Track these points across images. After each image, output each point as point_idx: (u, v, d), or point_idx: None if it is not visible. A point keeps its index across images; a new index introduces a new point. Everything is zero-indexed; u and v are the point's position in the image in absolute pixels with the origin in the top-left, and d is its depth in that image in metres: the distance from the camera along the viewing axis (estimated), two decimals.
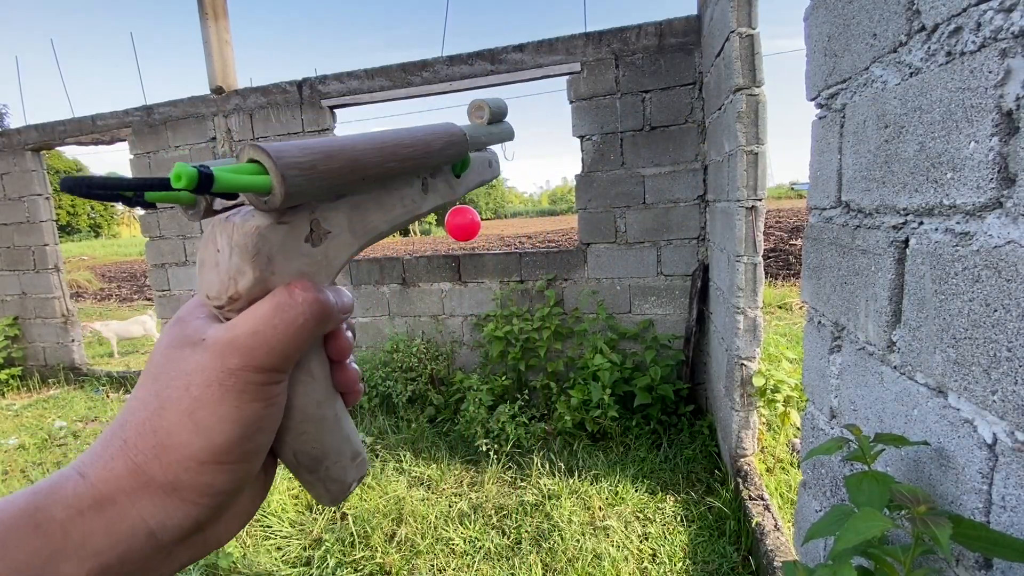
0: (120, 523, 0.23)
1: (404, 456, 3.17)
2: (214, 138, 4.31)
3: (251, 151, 0.23)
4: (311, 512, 2.67)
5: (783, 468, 2.69)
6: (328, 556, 2.28)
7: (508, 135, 0.40)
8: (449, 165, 0.34)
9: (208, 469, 0.24)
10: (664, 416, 3.28)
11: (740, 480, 2.38)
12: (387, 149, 0.27)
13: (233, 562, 2.27)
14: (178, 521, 0.24)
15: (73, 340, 5.31)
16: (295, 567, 2.27)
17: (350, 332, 0.31)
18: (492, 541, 2.34)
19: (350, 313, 0.29)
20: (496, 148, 0.42)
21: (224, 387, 0.24)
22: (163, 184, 0.21)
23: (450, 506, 2.65)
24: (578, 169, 3.62)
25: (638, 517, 2.45)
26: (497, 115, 0.39)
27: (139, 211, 4.69)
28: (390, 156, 0.27)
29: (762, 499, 2.22)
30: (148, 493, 0.23)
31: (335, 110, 4.07)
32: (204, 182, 0.21)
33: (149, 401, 0.24)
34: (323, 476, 0.29)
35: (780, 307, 6.55)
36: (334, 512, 2.63)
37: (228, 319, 0.25)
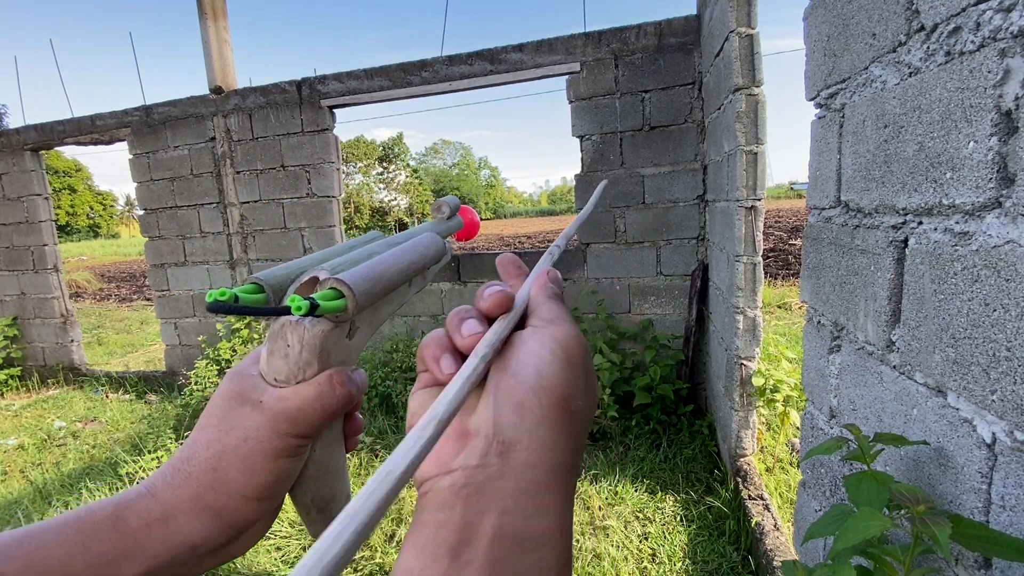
0: (175, 536, 0.30)
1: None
2: (213, 138, 4.31)
3: (335, 283, 0.31)
4: None
5: (783, 468, 2.69)
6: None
7: (459, 226, 0.50)
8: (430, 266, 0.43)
9: (250, 503, 0.31)
10: (664, 416, 3.28)
11: (740, 480, 2.38)
12: (405, 270, 0.36)
13: (234, 562, 2.27)
14: (215, 538, 0.31)
15: (72, 340, 5.31)
16: (295, 567, 2.26)
17: None
18: None
19: (365, 390, 0.36)
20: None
21: (274, 444, 0.31)
22: (286, 311, 0.28)
23: None
24: (578, 169, 3.63)
25: (638, 517, 2.45)
26: (454, 210, 0.48)
27: (139, 211, 4.69)
28: (406, 274, 0.36)
29: (762, 499, 2.22)
30: (200, 515, 0.30)
31: (334, 110, 4.07)
32: (312, 309, 0.28)
33: (213, 443, 0.31)
34: (330, 516, 0.36)
35: (780, 307, 6.55)
36: None
37: (281, 388, 0.32)
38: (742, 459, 2.48)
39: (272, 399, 0.31)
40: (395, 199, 56.14)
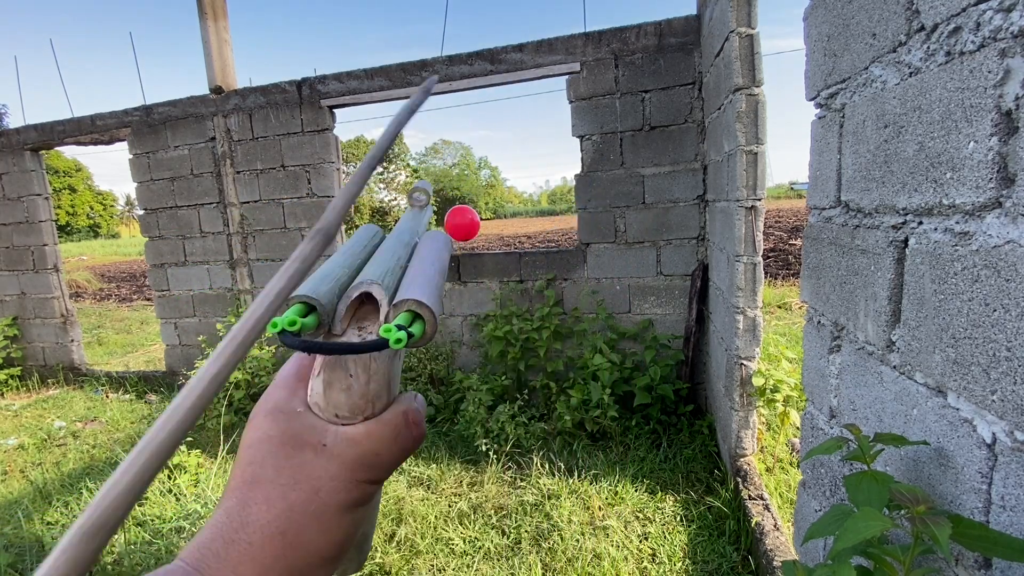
0: None
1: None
2: (213, 138, 4.31)
3: (415, 306, 0.28)
4: None
5: (783, 468, 2.69)
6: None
7: (431, 214, 0.50)
8: None
9: (327, 565, 0.26)
10: (664, 416, 3.28)
11: (740, 480, 2.38)
12: (444, 275, 0.35)
13: None
14: None
15: (72, 340, 5.31)
16: None
17: None
18: (492, 541, 2.34)
19: None
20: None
21: (351, 495, 0.27)
22: (383, 344, 0.26)
23: (450, 506, 2.65)
24: (578, 169, 3.63)
25: (638, 517, 2.45)
26: (430, 197, 0.48)
27: (139, 211, 4.69)
28: (444, 281, 0.35)
29: (762, 499, 2.22)
30: None
31: (334, 110, 4.07)
32: (409, 340, 0.26)
33: (276, 502, 0.25)
34: (364, 549, 0.34)
35: (780, 307, 6.55)
36: None
37: (347, 428, 0.28)
38: (742, 459, 2.48)
39: (341, 443, 0.27)
40: (395, 199, 56.14)
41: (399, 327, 0.26)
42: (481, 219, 3.76)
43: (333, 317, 0.30)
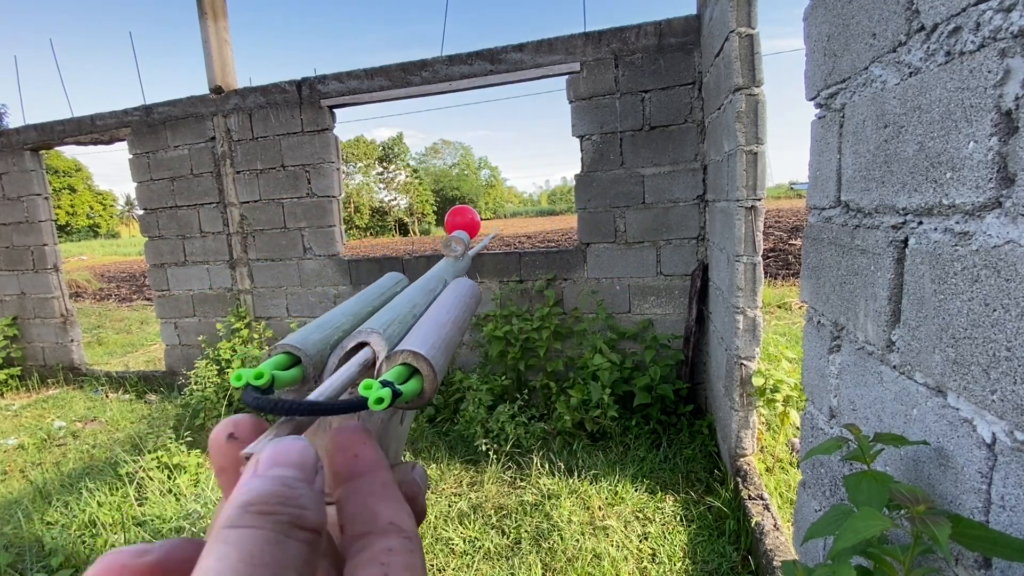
0: None
1: (403, 456, 3.16)
2: (213, 138, 4.31)
3: (410, 358, 0.25)
4: None
5: (782, 468, 2.69)
6: None
7: (468, 265, 0.47)
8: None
9: None
10: (664, 416, 3.28)
11: (739, 480, 2.38)
12: (462, 329, 0.31)
13: None
14: None
15: (72, 340, 5.31)
16: None
17: None
18: (492, 541, 2.34)
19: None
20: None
21: None
22: (361, 404, 0.21)
23: (450, 506, 2.65)
24: (578, 169, 3.62)
25: (638, 517, 2.45)
26: (467, 247, 0.46)
27: (139, 211, 4.69)
28: (461, 334, 0.31)
29: (761, 499, 2.22)
30: None
31: (334, 110, 4.07)
32: (395, 398, 0.22)
33: None
34: None
35: (780, 307, 6.55)
36: None
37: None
38: (742, 459, 2.48)
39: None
40: (395, 199, 56.13)
41: (384, 383, 0.22)
42: (481, 219, 3.77)
43: (323, 370, 0.27)
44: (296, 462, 0.18)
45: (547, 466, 2.92)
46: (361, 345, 0.27)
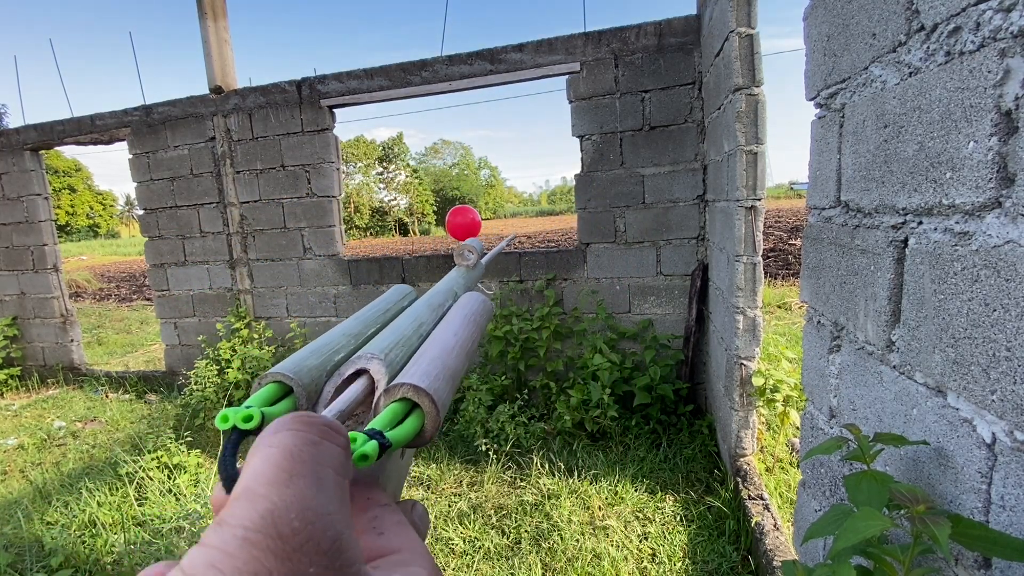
0: None
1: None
2: (213, 138, 4.31)
3: (411, 392, 0.23)
4: None
5: (782, 468, 2.69)
6: None
7: (481, 273, 0.45)
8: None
9: None
10: (663, 416, 3.28)
11: (739, 480, 2.38)
12: (470, 352, 0.29)
13: None
14: None
15: (72, 340, 5.31)
16: None
17: None
18: (492, 541, 2.34)
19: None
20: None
21: None
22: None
23: (450, 506, 2.65)
24: (578, 169, 3.62)
25: (637, 517, 2.45)
26: (480, 255, 0.43)
27: (138, 211, 4.69)
28: (470, 357, 0.29)
29: (761, 499, 2.22)
30: None
31: (334, 110, 4.07)
32: (383, 450, 0.21)
33: None
34: None
35: (780, 307, 6.55)
36: None
37: None
38: (742, 459, 2.48)
39: None
40: (395, 199, 56.13)
41: (372, 433, 0.20)
42: (481, 219, 3.77)
43: (318, 399, 0.25)
44: None
45: (547, 466, 2.92)
46: (360, 372, 0.26)
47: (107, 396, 4.84)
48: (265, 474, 0.16)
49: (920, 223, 0.73)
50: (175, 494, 2.80)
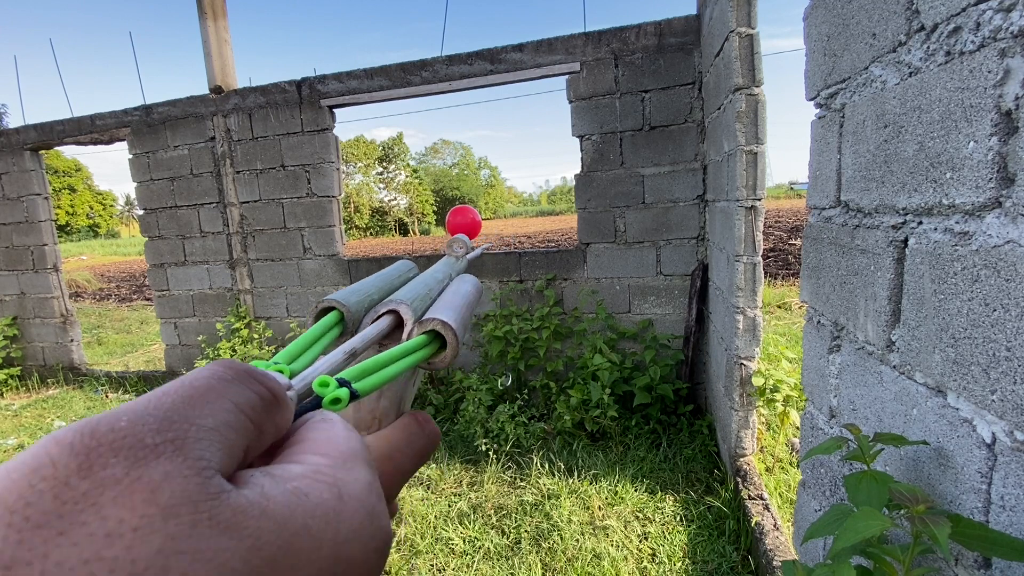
0: None
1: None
2: (213, 138, 4.30)
3: (439, 326, 0.29)
4: None
5: (782, 468, 2.69)
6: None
7: (465, 266, 0.51)
8: None
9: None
10: (663, 416, 3.28)
11: (739, 480, 2.38)
12: (473, 312, 0.36)
13: None
14: None
15: (72, 340, 5.31)
16: None
17: None
18: (492, 541, 2.34)
19: None
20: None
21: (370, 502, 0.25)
22: (315, 404, 0.21)
23: (449, 506, 2.65)
24: (578, 169, 3.62)
25: (637, 517, 2.45)
26: (468, 250, 0.50)
27: (138, 211, 4.69)
28: (471, 318, 0.35)
29: (761, 499, 2.22)
30: None
31: (334, 110, 4.07)
32: (352, 399, 0.22)
33: None
34: None
35: (780, 307, 6.55)
36: None
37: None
38: (742, 459, 2.48)
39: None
40: (395, 199, 56.15)
41: (342, 382, 0.22)
42: (481, 219, 3.77)
43: (358, 325, 0.31)
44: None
45: (547, 466, 2.92)
46: (389, 313, 0.31)
47: (107, 396, 4.84)
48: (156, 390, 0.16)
49: (920, 223, 0.73)
50: None
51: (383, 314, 0.31)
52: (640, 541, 2.28)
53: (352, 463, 0.18)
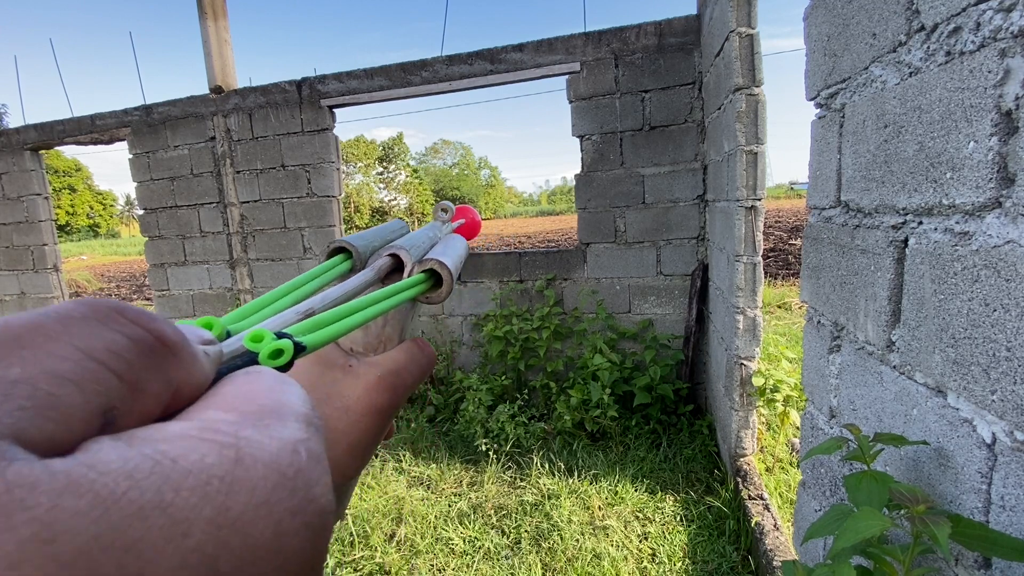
0: None
1: (404, 456, 3.17)
2: (213, 138, 4.31)
3: (436, 265, 0.33)
4: None
5: (782, 468, 2.69)
6: (327, 556, 2.28)
7: (452, 228, 0.55)
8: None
9: (348, 482, 0.29)
10: (663, 416, 3.28)
11: (739, 480, 2.38)
12: (463, 261, 0.41)
13: None
14: None
15: None
16: None
17: None
18: (492, 541, 2.34)
19: None
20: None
21: (375, 418, 0.28)
22: (253, 359, 0.19)
23: (450, 506, 2.65)
24: (578, 169, 3.62)
25: (637, 517, 2.45)
26: (452, 215, 0.54)
27: (139, 211, 4.69)
28: (461, 267, 0.39)
29: (761, 499, 2.22)
30: None
31: (334, 110, 4.07)
32: (297, 352, 0.21)
33: None
34: (348, 497, 0.36)
35: (780, 307, 6.55)
36: None
37: (368, 357, 0.31)
38: (742, 459, 2.48)
39: (363, 366, 0.29)
40: (395, 199, 56.16)
41: (280, 335, 0.20)
42: (481, 219, 3.77)
43: (364, 264, 0.35)
44: None
45: (547, 466, 2.92)
46: (390, 256, 0.34)
47: None
48: None
49: (920, 223, 0.73)
50: None
51: (386, 256, 0.35)
52: (640, 541, 2.28)
53: (271, 419, 0.14)
